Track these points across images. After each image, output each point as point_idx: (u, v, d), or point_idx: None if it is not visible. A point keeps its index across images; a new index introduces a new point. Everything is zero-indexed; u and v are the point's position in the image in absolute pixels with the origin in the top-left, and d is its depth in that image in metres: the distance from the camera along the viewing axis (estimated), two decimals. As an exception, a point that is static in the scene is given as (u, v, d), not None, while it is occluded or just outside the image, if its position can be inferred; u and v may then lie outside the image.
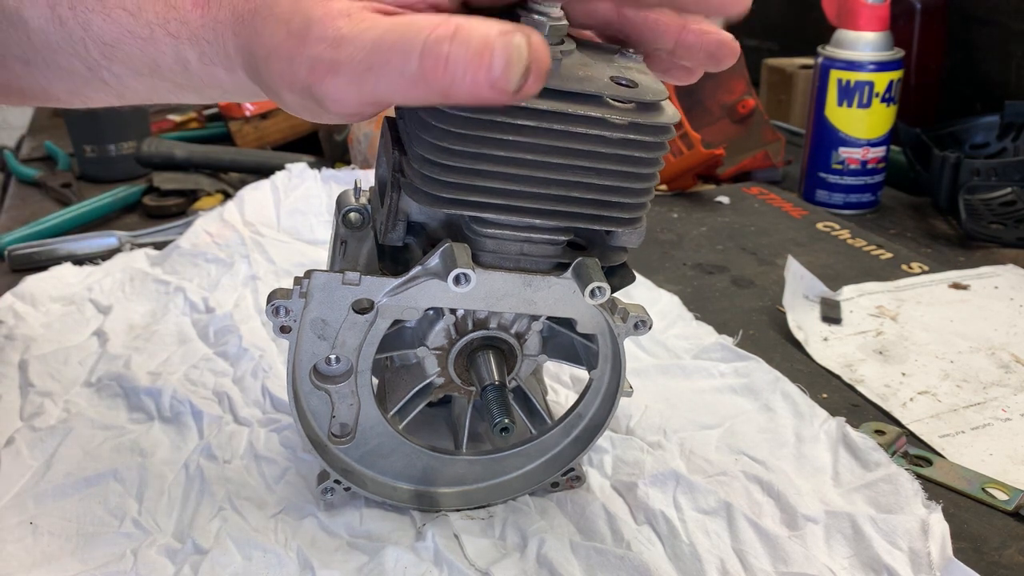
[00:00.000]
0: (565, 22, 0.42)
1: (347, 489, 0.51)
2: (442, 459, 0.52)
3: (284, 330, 0.45)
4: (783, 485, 0.53)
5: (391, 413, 0.51)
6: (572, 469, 0.53)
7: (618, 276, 0.47)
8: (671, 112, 0.42)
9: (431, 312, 0.48)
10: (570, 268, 0.45)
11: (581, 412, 0.52)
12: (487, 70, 0.34)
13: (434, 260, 0.43)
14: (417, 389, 0.51)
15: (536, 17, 0.41)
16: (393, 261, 0.46)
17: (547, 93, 0.39)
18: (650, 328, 0.48)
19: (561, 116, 0.40)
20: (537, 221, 0.43)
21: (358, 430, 0.50)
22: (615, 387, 0.51)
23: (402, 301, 0.45)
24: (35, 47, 0.46)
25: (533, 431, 0.52)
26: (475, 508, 0.52)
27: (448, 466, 0.52)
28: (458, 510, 0.52)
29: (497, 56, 0.34)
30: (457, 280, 0.42)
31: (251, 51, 0.40)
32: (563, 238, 0.45)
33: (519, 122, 0.40)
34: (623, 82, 0.41)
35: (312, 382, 0.48)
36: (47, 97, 0.50)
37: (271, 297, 0.45)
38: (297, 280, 0.45)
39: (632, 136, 0.41)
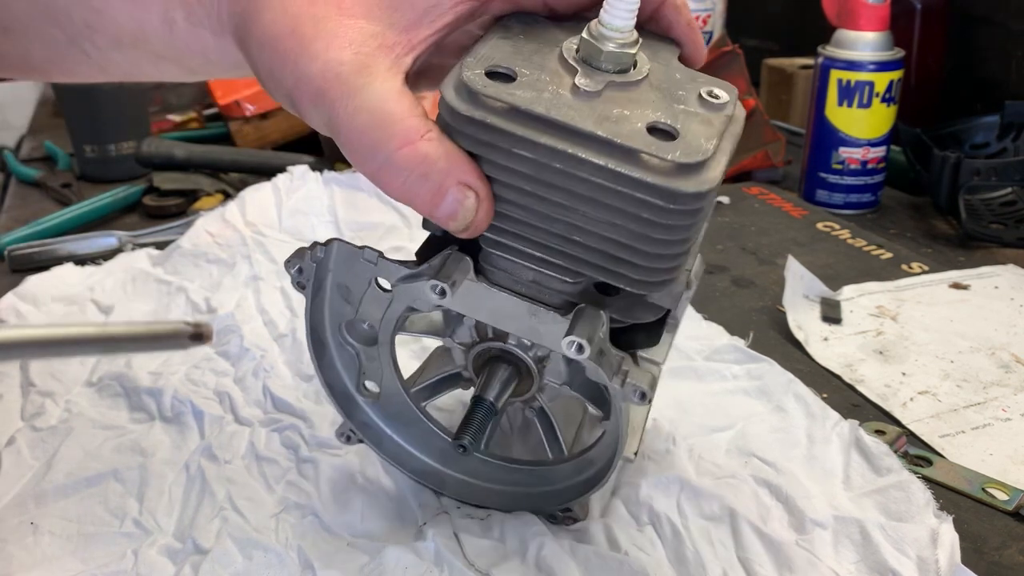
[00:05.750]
0: (631, 51, 0.38)
1: (360, 441, 0.52)
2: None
3: (299, 286, 0.47)
4: (792, 488, 0.52)
5: (416, 388, 0.51)
6: (570, 509, 0.50)
7: (642, 335, 0.44)
8: (709, 176, 0.36)
9: None
10: (571, 313, 0.42)
11: (592, 457, 0.50)
12: (430, 208, 0.38)
13: (436, 261, 0.43)
14: (444, 376, 0.51)
15: (600, 44, 0.38)
16: (428, 247, 0.46)
17: (567, 133, 0.37)
18: (650, 402, 0.42)
19: (574, 160, 0.36)
20: (538, 254, 0.41)
21: (382, 393, 0.51)
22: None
23: (412, 291, 0.45)
24: (14, 14, 0.45)
25: (550, 455, 0.51)
26: (476, 506, 0.52)
27: (463, 456, 0.52)
28: (461, 501, 0.52)
29: (445, 207, 0.38)
30: (434, 288, 0.41)
31: (246, 25, 0.40)
32: (570, 279, 0.42)
33: (524, 153, 0.37)
34: (663, 126, 0.37)
35: (342, 337, 0.49)
36: (26, 66, 0.49)
37: (294, 254, 0.46)
38: (315, 244, 0.46)
39: (647, 198, 0.37)
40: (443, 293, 0.41)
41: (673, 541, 0.50)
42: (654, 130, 0.37)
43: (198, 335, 0.37)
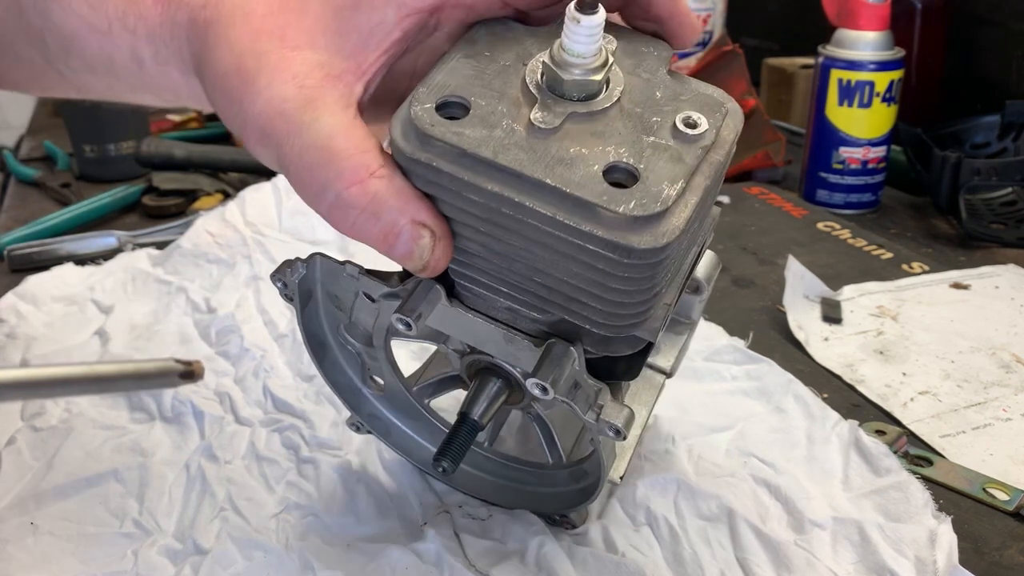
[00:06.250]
0: (596, 77, 0.36)
1: (369, 432, 0.53)
2: None
3: (287, 298, 0.47)
4: (791, 489, 0.52)
5: (417, 387, 0.52)
6: (567, 515, 0.50)
7: (623, 365, 0.43)
8: (669, 228, 0.34)
9: None
10: (543, 345, 0.40)
11: (587, 469, 0.50)
12: (385, 248, 0.36)
13: (410, 285, 0.42)
14: (444, 377, 0.52)
15: (561, 72, 0.35)
16: None
17: (516, 180, 0.34)
18: (624, 439, 0.41)
19: (521, 208, 0.34)
20: (504, 289, 0.40)
21: (387, 388, 0.52)
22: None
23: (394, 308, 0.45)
24: None
25: (549, 460, 0.51)
26: (481, 501, 0.52)
27: (470, 452, 0.52)
28: (465, 493, 0.53)
29: (400, 247, 0.36)
30: (400, 321, 0.40)
31: (201, 66, 0.40)
32: (540, 314, 0.41)
33: (473, 198, 0.35)
34: (623, 166, 0.34)
35: (343, 338, 0.49)
36: (7, 82, 0.50)
37: (278, 269, 0.46)
38: (296, 261, 0.46)
39: (600, 251, 0.34)
40: (408, 327, 0.40)
41: (670, 541, 0.50)
42: (614, 170, 0.34)
43: (189, 373, 0.37)
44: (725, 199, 1.01)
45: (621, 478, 0.48)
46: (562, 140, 0.35)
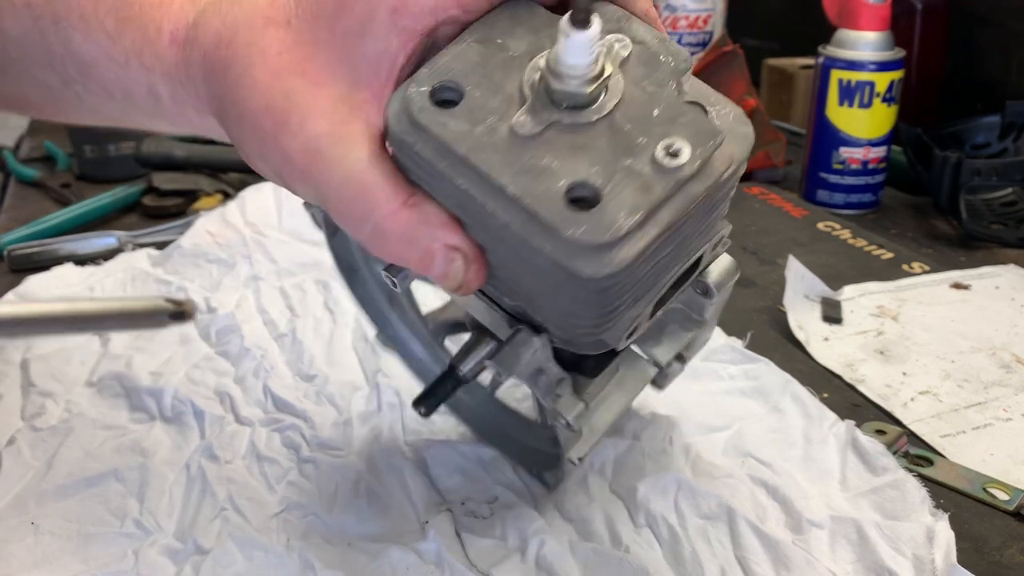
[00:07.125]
0: (587, 90, 0.34)
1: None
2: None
3: (317, 225, 0.56)
4: (789, 489, 0.52)
5: (433, 324, 0.56)
6: (543, 475, 0.53)
7: (591, 361, 0.44)
8: (616, 258, 0.32)
9: None
10: (512, 332, 0.42)
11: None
12: (423, 269, 0.38)
13: None
14: (457, 320, 0.55)
15: (552, 81, 0.34)
16: None
17: (483, 180, 0.34)
18: (574, 431, 0.43)
19: (484, 210, 0.34)
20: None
21: (409, 319, 0.58)
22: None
23: None
24: (11, 57, 0.46)
25: (538, 420, 0.53)
26: (479, 437, 0.56)
27: (473, 387, 0.55)
28: (471, 429, 0.57)
29: (436, 267, 0.37)
30: (387, 278, 0.41)
31: (223, 105, 0.40)
32: (508, 299, 0.41)
33: (446, 187, 0.35)
34: (584, 191, 0.33)
35: (372, 267, 0.55)
36: (25, 104, 0.50)
37: None
38: None
39: (549, 269, 0.34)
40: (394, 285, 0.41)
41: (670, 541, 0.50)
42: (578, 188, 0.33)
43: (179, 313, 0.35)
44: (725, 199, 1.00)
45: (581, 459, 0.49)
46: (538, 148, 0.34)
